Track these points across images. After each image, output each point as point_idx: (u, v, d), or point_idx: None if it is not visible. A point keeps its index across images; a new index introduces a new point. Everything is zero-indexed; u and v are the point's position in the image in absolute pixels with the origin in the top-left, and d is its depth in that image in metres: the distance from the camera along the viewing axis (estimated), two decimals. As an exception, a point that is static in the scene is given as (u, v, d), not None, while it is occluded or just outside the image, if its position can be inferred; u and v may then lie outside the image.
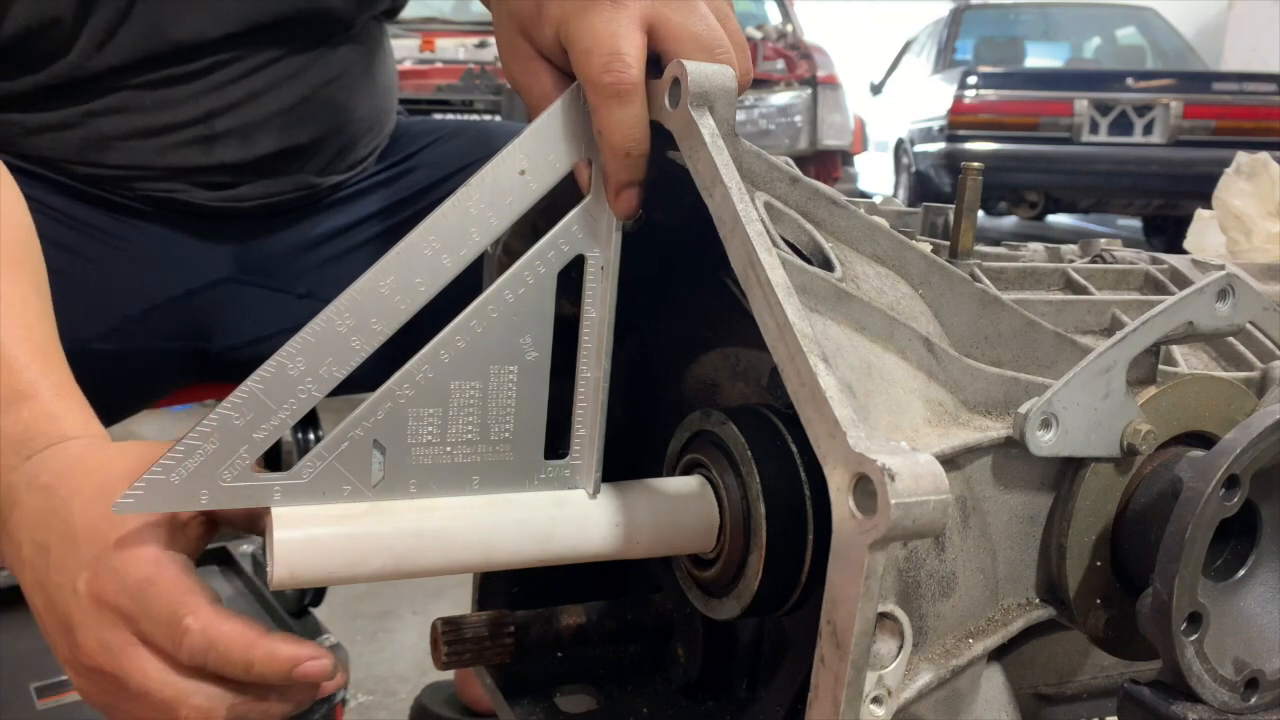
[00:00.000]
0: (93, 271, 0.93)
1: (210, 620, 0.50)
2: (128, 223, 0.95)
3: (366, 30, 1.04)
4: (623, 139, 0.51)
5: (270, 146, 0.96)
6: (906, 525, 0.37)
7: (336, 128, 1.01)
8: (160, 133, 0.92)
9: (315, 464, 0.51)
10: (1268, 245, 1.04)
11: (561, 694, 0.72)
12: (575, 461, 0.57)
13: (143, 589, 0.50)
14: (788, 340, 0.43)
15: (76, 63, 0.87)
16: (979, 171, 0.65)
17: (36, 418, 0.58)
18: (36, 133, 0.89)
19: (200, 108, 0.92)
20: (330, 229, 1.04)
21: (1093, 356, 0.49)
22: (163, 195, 0.94)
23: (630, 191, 0.53)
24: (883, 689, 0.42)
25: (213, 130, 0.93)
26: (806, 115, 4.38)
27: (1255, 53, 7.47)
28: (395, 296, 0.51)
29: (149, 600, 0.50)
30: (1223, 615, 0.48)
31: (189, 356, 1.02)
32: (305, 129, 0.98)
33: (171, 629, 0.50)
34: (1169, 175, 5.45)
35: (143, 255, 0.96)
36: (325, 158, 1.02)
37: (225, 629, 0.50)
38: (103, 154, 0.91)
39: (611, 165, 0.52)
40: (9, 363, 0.59)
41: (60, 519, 0.53)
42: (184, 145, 0.93)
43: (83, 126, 0.90)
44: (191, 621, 0.50)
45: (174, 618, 0.50)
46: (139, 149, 0.92)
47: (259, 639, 0.51)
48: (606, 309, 0.55)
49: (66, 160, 0.91)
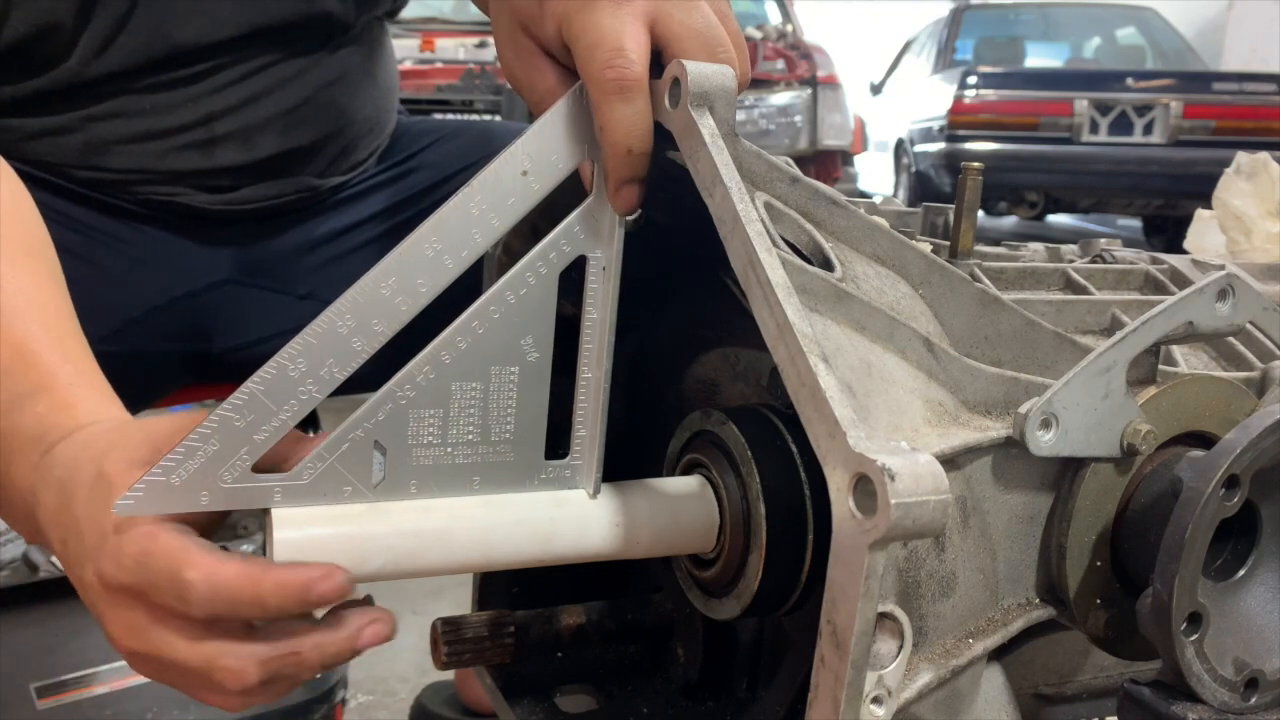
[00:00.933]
0: (94, 274, 0.92)
1: (210, 567, 0.48)
2: (128, 226, 0.95)
3: (367, 31, 1.04)
4: (625, 136, 0.51)
5: (270, 149, 0.96)
6: (906, 525, 0.37)
7: (337, 130, 1.01)
8: (160, 136, 0.92)
9: (316, 465, 0.51)
10: (1268, 245, 1.04)
11: (561, 694, 0.72)
12: (576, 462, 0.57)
13: (141, 562, 0.49)
14: (788, 340, 0.43)
15: (76, 68, 0.87)
16: (979, 171, 0.65)
17: (51, 410, 0.57)
18: (36, 138, 0.89)
19: (200, 111, 0.92)
20: (331, 230, 1.04)
21: (1093, 356, 0.49)
22: (163, 199, 0.94)
23: (630, 188, 0.53)
24: (883, 689, 0.42)
25: (212, 133, 0.93)
26: (806, 115, 4.38)
27: (1255, 53, 7.47)
28: (397, 298, 0.51)
29: (150, 570, 0.49)
30: (1223, 615, 0.48)
31: (190, 358, 1.02)
32: (305, 131, 0.98)
33: (176, 588, 0.48)
34: (1169, 175, 5.45)
35: (143, 257, 0.96)
36: (326, 160, 1.02)
37: (227, 571, 0.48)
38: (103, 158, 0.91)
39: (612, 162, 0.52)
40: (26, 356, 0.59)
41: (69, 514, 0.52)
42: (184, 149, 0.93)
43: (82, 131, 0.90)
44: (191, 574, 0.48)
45: (175, 576, 0.48)
46: (139, 153, 0.92)
47: (264, 572, 0.49)
48: (608, 309, 0.55)
49: (66, 165, 0.91)
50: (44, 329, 0.61)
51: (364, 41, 1.03)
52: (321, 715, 1.19)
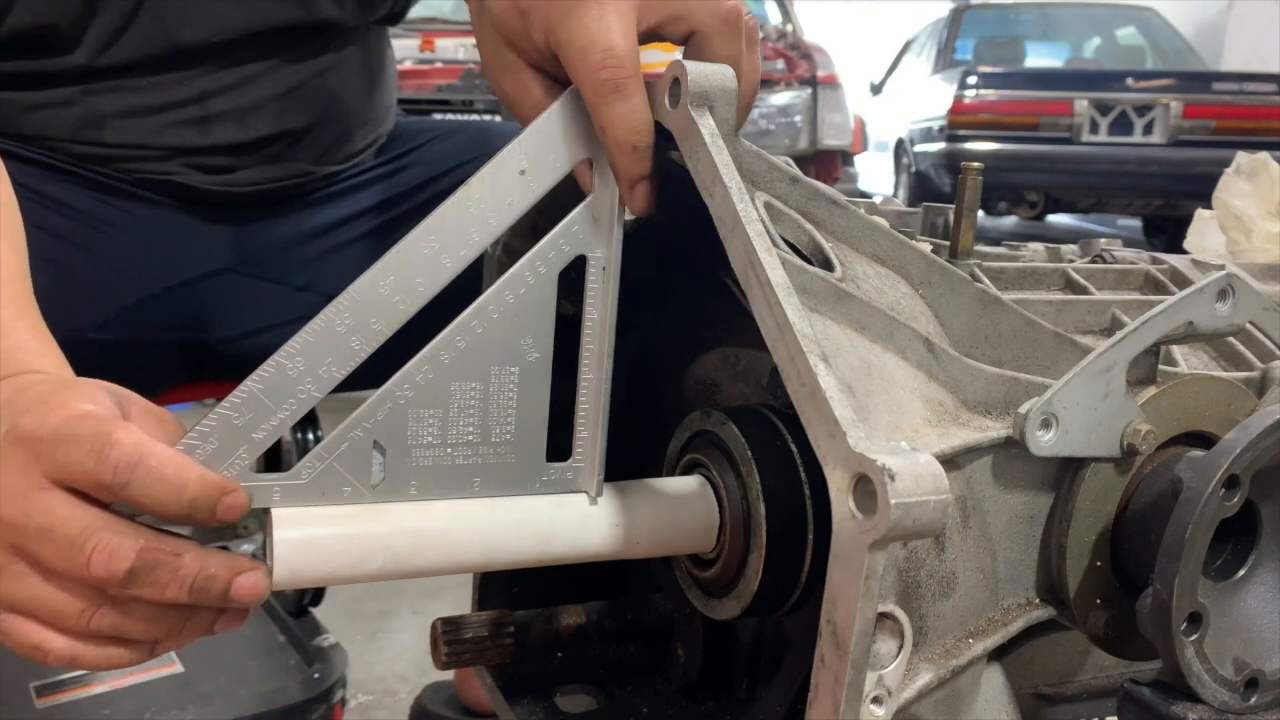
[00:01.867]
0: (88, 259, 0.93)
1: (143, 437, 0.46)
2: (123, 208, 0.95)
3: (364, 35, 1.05)
4: (627, 133, 0.51)
5: (265, 129, 0.97)
6: (906, 525, 0.37)
7: (332, 115, 1.02)
8: (157, 111, 0.93)
9: (315, 465, 0.51)
10: (1268, 245, 1.04)
11: (561, 694, 0.72)
12: (578, 464, 0.57)
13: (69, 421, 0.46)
14: (788, 340, 0.43)
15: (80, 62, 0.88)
16: (979, 171, 0.65)
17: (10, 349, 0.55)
18: (33, 110, 0.90)
19: (195, 89, 0.93)
20: (327, 221, 1.05)
21: (1093, 356, 0.49)
22: (159, 178, 0.95)
23: (644, 185, 0.53)
24: (883, 689, 0.42)
25: (208, 111, 0.94)
26: (806, 115, 4.38)
27: (1255, 53, 7.46)
28: (395, 296, 0.51)
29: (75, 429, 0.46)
30: (1223, 615, 0.48)
31: (186, 348, 1.02)
32: (300, 114, 0.99)
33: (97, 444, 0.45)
34: (1169, 175, 5.45)
35: (138, 242, 0.96)
36: (321, 145, 1.02)
37: (159, 446, 0.46)
38: (99, 132, 0.92)
39: (620, 161, 0.52)
40: None
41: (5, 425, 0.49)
42: (180, 125, 0.94)
43: (79, 104, 0.91)
44: (122, 435, 0.45)
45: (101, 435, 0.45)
46: (135, 127, 0.92)
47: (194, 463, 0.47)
48: (608, 309, 0.55)
49: (62, 139, 0.92)
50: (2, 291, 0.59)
51: (360, 44, 1.04)
52: (320, 715, 1.19)
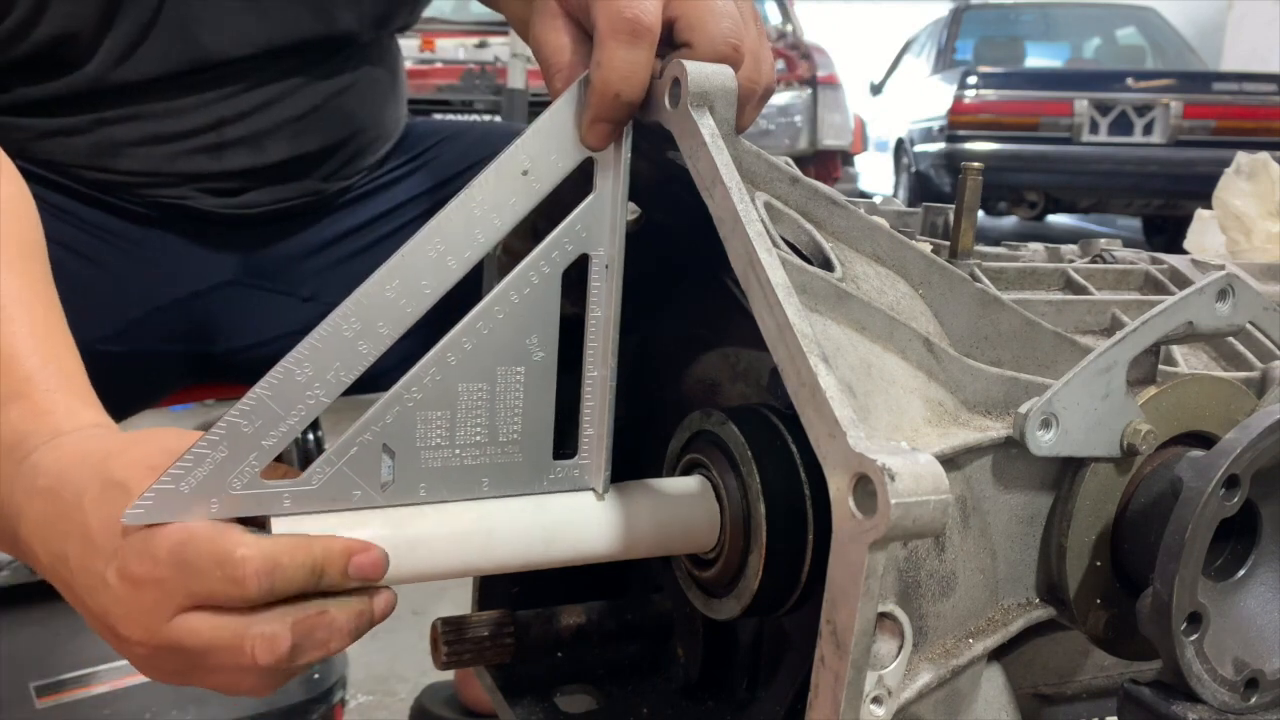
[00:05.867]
0: (98, 273, 0.93)
1: (261, 542, 0.48)
2: (135, 227, 0.95)
3: (379, 45, 1.05)
4: (619, 80, 0.50)
5: (280, 154, 0.96)
6: (906, 525, 0.37)
7: (348, 136, 1.02)
8: (170, 140, 0.92)
9: (324, 469, 0.51)
10: (1268, 245, 1.04)
11: (561, 694, 0.72)
12: (584, 461, 0.57)
13: (179, 551, 0.47)
14: (788, 340, 0.43)
15: (95, 75, 0.87)
16: (979, 171, 0.65)
17: (25, 416, 0.56)
18: (47, 137, 0.90)
19: (211, 115, 0.92)
20: (335, 233, 1.05)
21: (1093, 356, 0.50)
22: (171, 201, 0.94)
23: (604, 127, 0.52)
24: (883, 689, 0.42)
25: (223, 138, 0.93)
26: (806, 115, 4.38)
27: (1255, 53, 7.46)
28: (401, 300, 0.51)
29: (191, 557, 0.47)
30: (1223, 615, 0.48)
31: (192, 359, 1.02)
32: (315, 137, 0.98)
33: (228, 567, 0.47)
34: (1169, 175, 5.45)
35: (149, 259, 0.96)
36: (334, 165, 1.02)
37: (281, 543, 0.48)
38: (113, 160, 0.91)
39: (595, 97, 0.51)
40: (4, 360, 0.57)
41: (72, 522, 0.51)
42: (194, 152, 0.93)
43: (94, 132, 0.90)
44: (244, 551, 0.47)
45: (225, 556, 0.47)
46: (149, 155, 0.92)
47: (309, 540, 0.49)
48: (612, 308, 0.55)
49: (75, 165, 0.91)
50: (29, 332, 0.60)
51: (376, 60, 1.04)
52: (321, 715, 1.19)
